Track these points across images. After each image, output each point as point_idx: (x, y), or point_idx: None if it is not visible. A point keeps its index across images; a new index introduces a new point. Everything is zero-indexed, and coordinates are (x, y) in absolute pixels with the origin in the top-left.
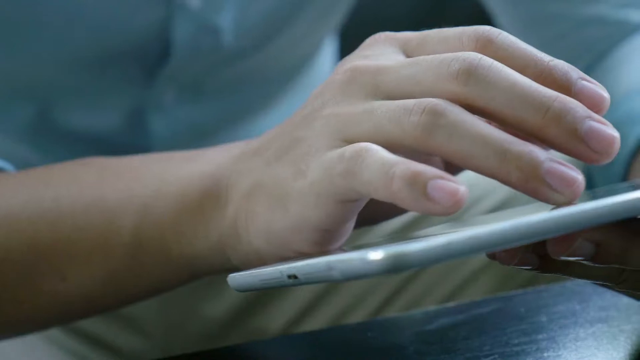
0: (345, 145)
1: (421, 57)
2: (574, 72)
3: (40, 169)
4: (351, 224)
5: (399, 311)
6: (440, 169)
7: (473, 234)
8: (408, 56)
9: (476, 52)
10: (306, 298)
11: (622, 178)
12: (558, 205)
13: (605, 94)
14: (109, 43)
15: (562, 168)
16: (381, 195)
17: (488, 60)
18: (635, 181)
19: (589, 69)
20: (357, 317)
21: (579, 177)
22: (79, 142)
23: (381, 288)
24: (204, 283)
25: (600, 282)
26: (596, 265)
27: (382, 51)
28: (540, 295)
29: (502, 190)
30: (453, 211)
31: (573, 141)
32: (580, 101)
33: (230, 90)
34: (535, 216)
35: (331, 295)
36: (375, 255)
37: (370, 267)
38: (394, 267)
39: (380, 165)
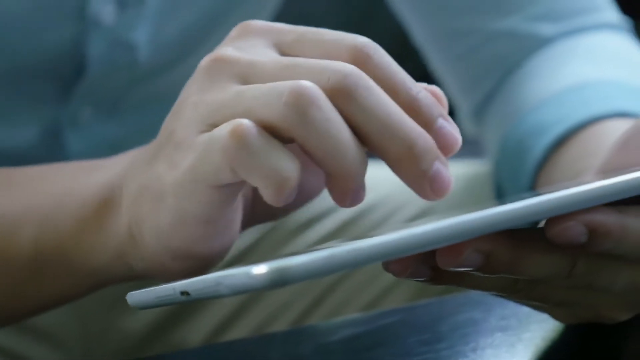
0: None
1: (299, 60)
2: (435, 109)
3: None
4: (233, 218)
5: (319, 320)
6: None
7: (354, 247)
8: (281, 53)
9: (353, 64)
10: (227, 310)
11: (529, 188)
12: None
13: (459, 137)
14: (22, 59)
15: None
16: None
17: (367, 82)
18: (540, 190)
19: (499, 82)
20: (277, 328)
21: None
22: None
23: (302, 298)
24: (122, 295)
25: (496, 293)
26: (487, 275)
27: (253, 43)
28: (444, 305)
29: (420, 202)
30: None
31: (421, 180)
32: (436, 139)
33: (149, 105)
34: (415, 228)
35: (251, 307)
36: (259, 269)
37: (254, 282)
38: (278, 281)
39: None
